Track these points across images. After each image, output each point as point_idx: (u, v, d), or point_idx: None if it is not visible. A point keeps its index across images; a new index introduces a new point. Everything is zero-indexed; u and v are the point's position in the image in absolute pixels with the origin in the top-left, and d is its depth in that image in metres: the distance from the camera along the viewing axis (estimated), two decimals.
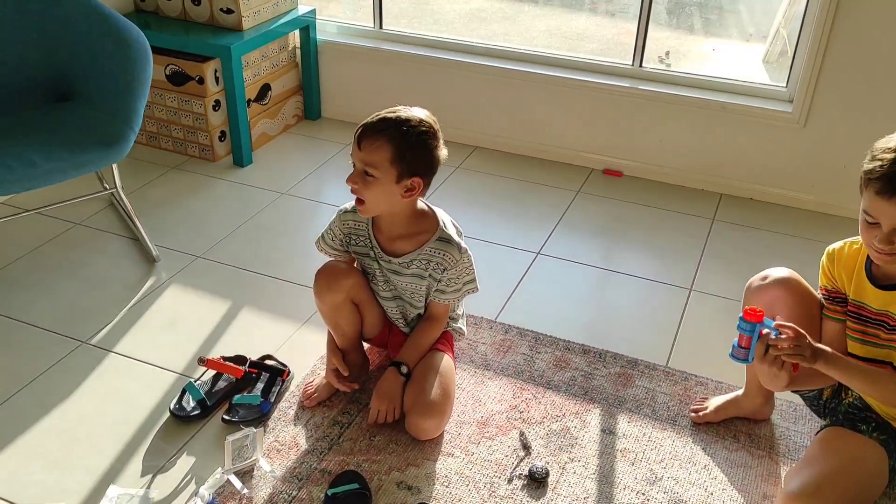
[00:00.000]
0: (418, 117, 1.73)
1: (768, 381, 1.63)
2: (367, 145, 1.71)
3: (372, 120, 1.73)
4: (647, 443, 1.91)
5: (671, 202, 2.96)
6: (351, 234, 1.94)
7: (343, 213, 1.94)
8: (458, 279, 1.89)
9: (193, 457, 1.85)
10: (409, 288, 1.91)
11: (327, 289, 1.90)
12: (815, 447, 1.69)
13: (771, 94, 2.90)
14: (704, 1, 4.92)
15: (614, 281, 2.54)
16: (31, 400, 2.00)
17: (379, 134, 1.70)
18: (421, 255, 1.85)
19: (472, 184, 3.07)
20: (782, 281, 1.73)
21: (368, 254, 1.92)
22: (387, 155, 1.70)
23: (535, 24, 5.02)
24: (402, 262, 1.87)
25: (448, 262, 1.85)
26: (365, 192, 1.75)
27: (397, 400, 1.89)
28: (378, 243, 1.90)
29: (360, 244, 1.93)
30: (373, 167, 1.71)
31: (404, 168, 1.72)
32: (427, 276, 1.88)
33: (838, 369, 1.56)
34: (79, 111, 2.45)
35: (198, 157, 3.20)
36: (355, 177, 1.75)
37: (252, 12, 3.07)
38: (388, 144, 1.70)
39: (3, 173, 2.12)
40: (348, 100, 3.50)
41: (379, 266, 1.91)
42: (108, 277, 2.47)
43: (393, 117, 1.71)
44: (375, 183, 1.73)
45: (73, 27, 2.45)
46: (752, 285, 1.79)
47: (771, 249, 2.69)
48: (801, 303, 1.72)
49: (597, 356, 2.18)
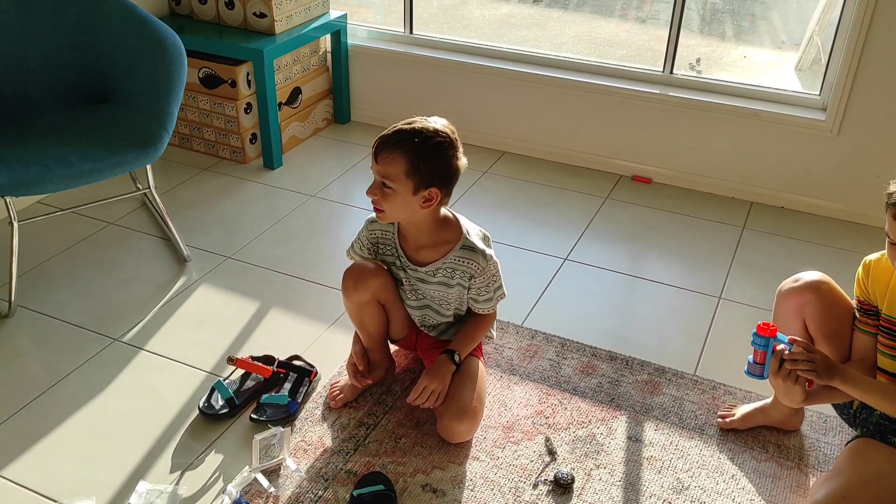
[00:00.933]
0: (433, 128, 1.72)
1: (783, 396, 1.61)
2: (382, 158, 1.72)
3: (388, 132, 1.73)
4: (673, 451, 1.90)
5: (701, 210, 2.94)
6: (378, 242, 1.95)
7: (370, 223, 1.95)
8: (488, 287, 1.89)
9: (221, 454, 1.88)
10: (436, 296, 1.92)
11: (354, 287, 1.92)
12: (844, 458, 1.67)
13: (804, 102, 2.87)
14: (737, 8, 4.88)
15: (642, 288, 2.53)
16: (65, 395, 2.04)
17: (394, 147, 1.70)
18: (446, 263, 1.86)
19: (500, 189, 3.07)
20: (814, 285, 1.71)
21: (395, 263, 1.93)
22: (402, 168, 1.70)
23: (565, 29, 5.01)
24: (427, 271, 1.88)
25: (474, 270, 1.85)
26: (384, 203, 1.75)
27: (446, 384, 1.87)
28: (404, 252, 1.91)
29: (387, 253, 1.95)
30: (389, 179, 1.72)
31: (420, 180, 1.71)
32: (454, 285, 1.88)
33: (855, 386, 1.54)
34: (114, 113, 2.49)
35: (229, 158, 3.24)
36: (374, 188, 1.76)
37: (284, 16, 3.11)
38: (402, 157, 1.69)
39: (40, 173, 2.17)
40: (378, 104, 3.52)
41: (405, 274, 1.92)
42: (140, 276, 2.51)
43: (408, 129, 1.71)
44: (393, 195, 1.73)
45: (111, 30, 2.50)
46: (783, 288, 1.77)
47: (802, 259, 2.66)
48: (831, 309, 1.70)
49: (624, 363, 2.17)
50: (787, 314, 1.75)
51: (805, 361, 1.53)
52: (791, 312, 1.74)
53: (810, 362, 1.53)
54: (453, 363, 1.90)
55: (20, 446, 1.88)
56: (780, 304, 1.77)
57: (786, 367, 1.54)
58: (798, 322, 1.73)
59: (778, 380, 1.56)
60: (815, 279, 1.72)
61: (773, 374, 1.56)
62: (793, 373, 1.53)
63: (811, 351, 1.55)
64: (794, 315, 1.73)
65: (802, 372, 1.53)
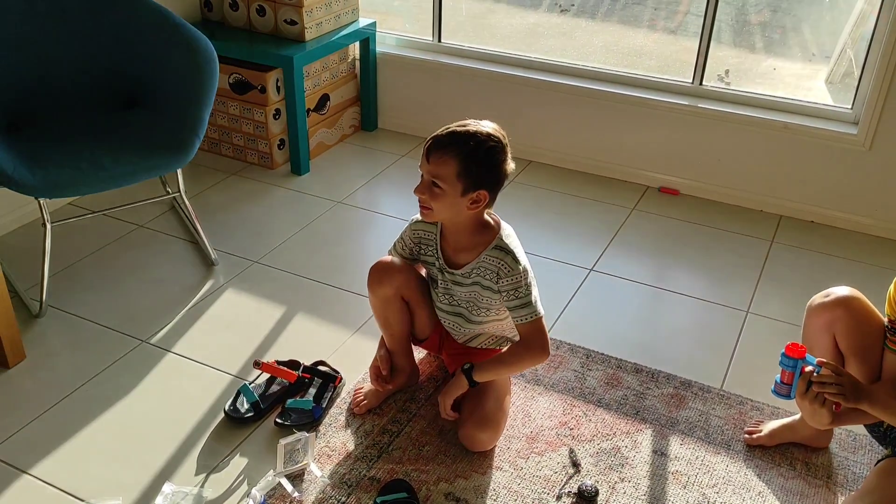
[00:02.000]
0: (486, 131, 1.74)
1: (810, 418, 1.59)
2: (434, 159, 1.74)
3: (441, 133, 1.75)
4: (699, 466, 1.88)
5: (728, 222, 2.92)
6: (421, 242, 1.96)
7: (414, 223, 1.96)
8: (517, 291, 1.81)
9: (246, 458, 1.89)
10: (469, 298, 1.91)
11: (378, 282, 1.93)
12: (873, 477, 1.64)
13: (836, 116, 2.84)
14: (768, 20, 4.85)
15: (668, 300, 2.51)
16: (94, 395, 2.06)
17: (447, 148, 1.72)
18: (479, 263, 1.86)
19: (526, 198, 3.07)
20: (844, 300, 1.69)
21: (434, 264, 1.95)
22: (453, 169, 1.72)
23: (592, 39, 5.00)
24: (462, 273, 1.88)
25: (502, 269, 1.82)
26: (432, 202, 1.77)
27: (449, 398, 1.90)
28: (443, 254, 1.92)
29: (428, 253, 1.96)
30: (440, 180, 1.73)
31: (470, 182, 1.73)
32: (486, 286, 1.87)
33: (883, 410, 1.52)
34: (147, 117, 2.52)
35: (257, 164, 3.27)
36: (423, 188, 1.77)
37: (314, 24, 3.13)
38: (455, 159, 1.71)
39: (73, 175, 2.20)
40: (405, 111, 3.53)
41: (442, 276, 1.93)
42: (168, 279, 2.53)
43: (461, 132, 1.73)
44: (442, 195, 1.75)
45: (145, 36, 2.53)
46: (813, 303, 1.75)
47: (831, 274, 2.62)
48: (861, 326, 1.67)
49: (649, 376, 2.16)
50: (816, 330, 1.73)
51: (833, 385, 1.51)
52: (821, 328, 1.72)
53: (838, 385, 1.50)
54: (468, 382, 1.87)
55: (49, 445, 1.91)
56: (810, 320, 1.75)
57: (813, 390, 1.52)
58: (828, 338, 1.71)
59: (805, 402, 1.54)
60: (846, 295, 1.69)
61: (800, 395, 1.54)
62: (820, 395, 1.51)
63: (840, 374, 1.53)
64: (824, 331, 1.71)
65: (830, 396, 1.51)
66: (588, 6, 5.41)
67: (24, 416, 1.99)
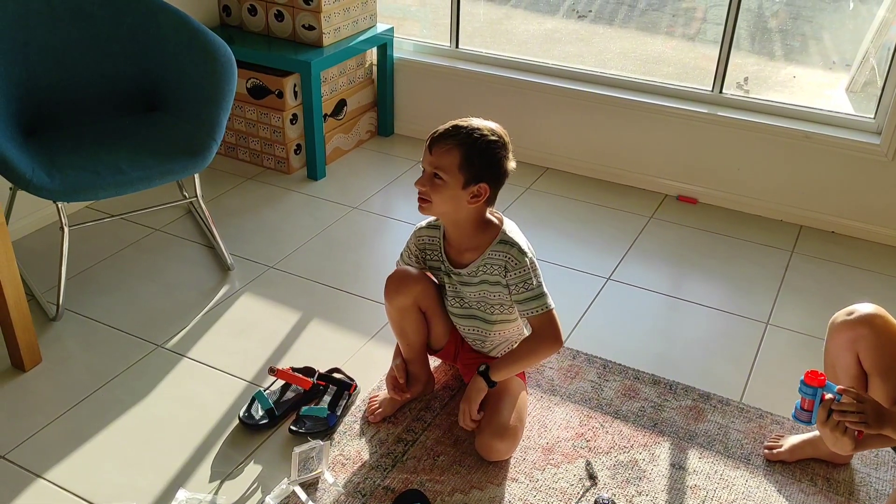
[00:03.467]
0: (489, 127, 1.78)
1: (832, 445, 1.55)
2: (437, 149, 1.77)
3: (444, 127, 1.79)
4: (718, 481, 1.85)
5: (748, 232, 2.89)
6: (425, 248, 1.96)
7: (418, 230, 1.97)
8: (527, 284, 1.80)
9: (260, 465, 1.88)
10: (479, 298, 1.90)
11: (396, 291, 1.93)
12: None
13: (858, 125, 2.81)
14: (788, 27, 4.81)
15: (687, 310, 2.48)
16: (109, 399, 2.06)
17: (450, 139, 1.76)
18: (484, 260, 1.85)
19: (543, 205, 3.05)
20: (868, 319, 1.65)
21: (440, 268, 1.94)
22: (456, 160, 1.74)
23: (610, 45, 4.98)
24: (468, 272, 1.88)
25: (509, 263, 1.82)
26: (432, 194, 1.78)
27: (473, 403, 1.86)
28: (448, 256, 1.91)
29: (433, 258, 1.95)
30: (442, 171, 1.75)
31: (472, 174, 1.75)
32: (494, 282, 1.86)
33: None
34: (165, 121, 2.53)
35: (273, 168, 3.27)
36: (424, 180, 1.79)
37: (333, 29, 3.13)
38: (457, 150, 1.74)
39: (92, 179, 2.20)
40: (421, 117, 3.52)
41: (449, 279, 1.92)
42: (184, 283, 2.53)
43: (464, 125, 1.77)
44: (443, 186, 1.76)
45: (164, 40, 2.54)
46: (836, 321, 1.72)
47: (853, 286, 2.59)
48: (886, 345, 1.63)
49: (667, 387, 2.13)
50: (839, 348, 1.70)
51: (854, 413, 1.47)
52: (843, 346, 1.68)
53: (860, 413, 1.47)
54: (486, 383, 1.86)
55: (64, 449, 1.91)
56: (833, 338, 1.71)
57: (834, 418, 1.48)
58: (851, 356, 1.67)
59: (826, 429, 1.51)
60: (870, 312, 1.66)
61: (821, 423, 1.51)
62: (841, 423, 1.48)
63: (862, 401, 1.49)
64: (847, 349, 1.67)
65: (852, 424, 1.47)
66: (606, 12, 5.38)
67: (40, 420, 1.99)
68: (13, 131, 2.25)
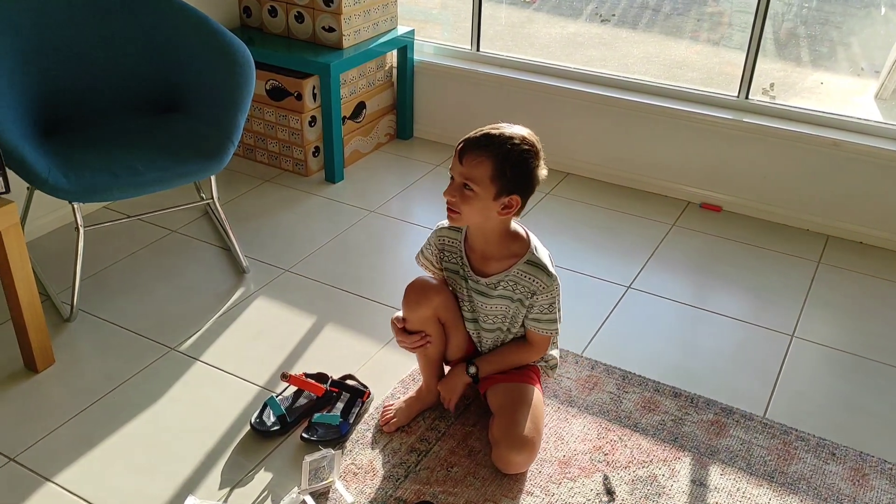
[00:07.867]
0: (521, 135, 1.72)
1: None
2: (468, 160, 1.70)
3: (475, 135, 1.71)
4: (740, 498, 1.80)
5: (773, 241, 2.82)
6: (444, 249, 1.92)
7: (439, 229, 1.93)
8: (552, 307, 1.84)
9: (271, 473, 1.85)
10: (491, 311, 1.87)
11: (416, 303, 1.89)
12: None
13: (889, 134, 2.74)
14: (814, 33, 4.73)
15: (709, 321, 2.42)
16: (121, 402, 2.04)
17: (482, 150, 1.69)
18: (509, 276, 1.82)
19: (563, 211, 3.00)
20: None
21: (458, 271, 1.90)
22: (488, 171, 1.68)
23: (633, 50, 4.92)
24: (489, 282, 1.84)
25: (537, 287, 1.80)
26: (462, 205, 1.73)
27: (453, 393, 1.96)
28: (469, 262, 1.87)
29: (452, 261, 1.91)
30: (473, 182, 1.69)
31: (504, 185, 1.69)
32: (516, 300, 1.83)
33: None
34: (182, 122, 2.51)
35: (291, 171, 3.25)
36: (453, 190, 1.73)
37: (353, 31, 3.11)
38: (489, 161, 1.68)
39: (108, 180, 2.19)
40: (441, 121, 3.49)
41: (465, 284, 1.89)
42: (199, 286, 2.51)
43: (496, 134, 1.70)
44: (474, 198, 1.71)
45: (182, 41, 2.52)
46: None
47: (882, 298, 2.51)
48: None
49: (688, 400, 2.07)
50: None
51: None
52: None
53: None
54: (466, 374, 1.92)
55: (74, 453, 1.89)
56: None
57: None
58: None
59: None
60: None
61: None
62: None
63: None
64: None
65: None
66: (629, 16, 5.33)
67: (51, 423, 1.97)
68: (30, 131, 2.24)
